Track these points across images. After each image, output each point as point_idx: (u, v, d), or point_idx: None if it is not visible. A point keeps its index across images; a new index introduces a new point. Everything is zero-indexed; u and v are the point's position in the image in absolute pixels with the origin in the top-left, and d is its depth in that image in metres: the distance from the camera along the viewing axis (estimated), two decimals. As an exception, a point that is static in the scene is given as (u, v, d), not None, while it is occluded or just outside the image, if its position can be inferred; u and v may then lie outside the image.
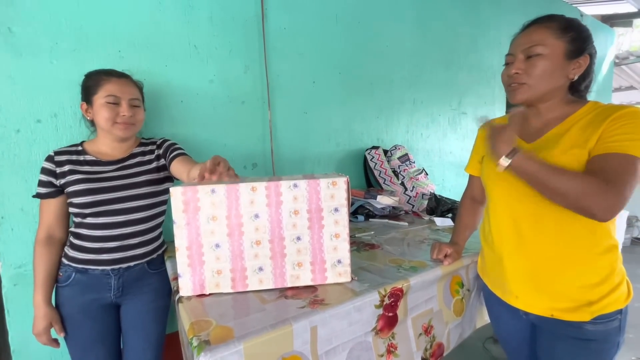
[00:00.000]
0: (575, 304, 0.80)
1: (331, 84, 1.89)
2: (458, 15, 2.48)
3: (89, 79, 1.06)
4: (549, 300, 0.83)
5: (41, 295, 1.01)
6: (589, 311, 0.79)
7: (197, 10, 1.45)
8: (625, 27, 5.32)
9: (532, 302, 0.86)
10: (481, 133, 1.05)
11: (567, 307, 0.81)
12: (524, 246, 0.86)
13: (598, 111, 0.78)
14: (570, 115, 0.82)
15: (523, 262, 0.86)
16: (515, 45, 0.86)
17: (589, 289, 0.79)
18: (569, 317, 0.81)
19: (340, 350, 0.81)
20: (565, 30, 0.80)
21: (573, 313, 0.80)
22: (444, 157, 2.56)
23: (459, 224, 1.13)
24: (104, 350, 1.08)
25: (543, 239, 0.82)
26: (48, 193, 1.03)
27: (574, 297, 0.80)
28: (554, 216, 0.80)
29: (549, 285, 0.83)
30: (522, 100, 0.86)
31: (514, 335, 0.97)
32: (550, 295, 0.83)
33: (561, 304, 0.81)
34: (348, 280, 0.91)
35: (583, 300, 0.79)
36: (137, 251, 1.08)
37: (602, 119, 0.75)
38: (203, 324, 0.73)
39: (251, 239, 0.86)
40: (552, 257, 0.82)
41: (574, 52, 0.80)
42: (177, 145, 1.16)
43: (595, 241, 0.80)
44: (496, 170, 0.78)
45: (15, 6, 1.12)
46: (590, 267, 0.80)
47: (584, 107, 0.82)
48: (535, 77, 0.81)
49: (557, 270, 0.81)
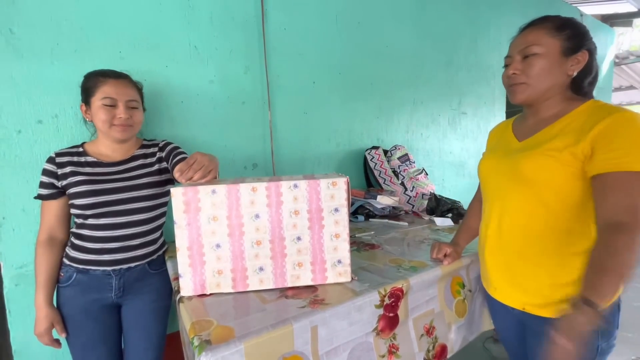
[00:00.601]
0: (546, 300, 0.82)
1: (331, 84, 1.89)
2: (458, 15, 2.48)
3: (87, 80, 1.06)
4: (522, 294, 0.86)
5: (42, 296, 1.01)
6: (557, 309, 0.76)
7: (197, 10, 1.45)
8: (625, 26, 5.32)
9: (507, 294, 0.90)
10: (491, 134, 1.08)
11: (538, 303, 0.83)
12: (502, 240, 0.89)
13: (590, 112, 0.78)
14: (565, 115, 0.81)
15: (500, 256, 0.90)
16: (512, 47, 0.88)
17: (560, 288, 0.80)
18: (539, 312, 0.83)
19: (341, 351, 0.81)
20: (560, 28, 0.81)
21: (543, 309, 0.82)
22: (444, 157, 2.56)
23: (463, 224, 1.13)
24: (105, 350, 1.08)
25: (520, 235, 0.85)
26: (49, 194, 1.03)
27: (544, 294, 0.82)
28: (533, 213, 0.82)
29: (522, 279, 0.86)
30: (523, 100, 0.86)
31: (510, 331, 0.99)
32: (524, 289, 0.86)
33: (533, 299, 0.84)
34: (348, 280, 0.91)
35: (553, 298, 0.80)
36: (138, 252, 1.08)
37: (593, 123, 0.73)
38: (204, 323, 0.74)
39: (252, 239, 0.86)
40: (527, 253, 0.84)
41: (571, 48, 0.80)
42: (179, 149, 1.16)
43: (570, 241, 0.79)
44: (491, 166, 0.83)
45: (17, 7, 1.12)
46: (563, 266, 0.80)
47: (582, 105, 0.80)
48: (533, 76, 0.82)
49: (531, 266, 0.84)
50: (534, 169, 0.80)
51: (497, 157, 0.93)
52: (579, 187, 0.77)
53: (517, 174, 0.83)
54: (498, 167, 0.91)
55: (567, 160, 0.76)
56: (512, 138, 0.93)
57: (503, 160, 0.90)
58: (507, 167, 0.87)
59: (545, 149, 0.79)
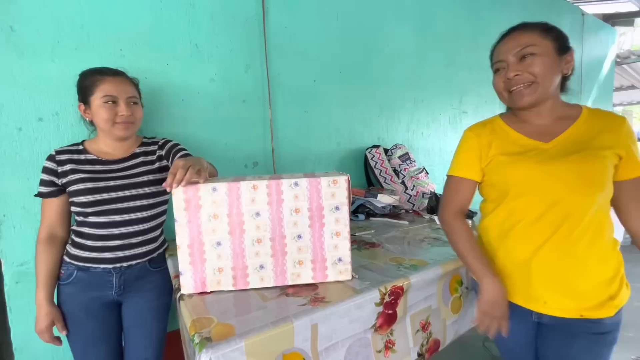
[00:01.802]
0: (599, 300, 0.81)
1: (332, 83, 1.89)
2: (459, 14, 2.48)
3: (83, 79, 1.05)
4: (579, 300, 0.82)
5: (43, 293, 1.01)
6: (612, 305, 0.81)
7: (198, 9, 1.45)
8: (626, 26, 5.31)
9: (561, 306, 0.83)
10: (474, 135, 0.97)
11: (594, 305, 0.81)
12: (557, 248, 0.82)
13: (599, 115, 0.85)
14: (579, 117, 0.86)
15: (554, 265, 0.82)
16: (503, 51, 0.86)
17: (608, 284, 0.82)
18: (597, 315, 0.81)
19: (339, 347, 0.81)
20: (547, 30, 0.83)
21: (600, 310, 0.81)
22: (445, 156, 2.56)
23: (476, 249, 0.90)
24: (105, 347, 1.08)
25: (576, 238, 0.81)
26: (50, 192, 1.03)
27: (597, 294, 0.82)
28: (592, 215, 0.81)
29: (576, 285, 0.82)
30: (531, 102, 0.83)
31: (520, 339, 0.94)
32: (580, 294, 0.82)
33: (588, 303, 0.82)
34: (349, 278, 0.91)
35: (605, 296, 0.81)
36: (139, 250, 1.09)
37: (617, 126, 0.81)
38: (204, 321, 0.74)
39: (252, 237, 0.87)
40: (582, 256, 0.81)
41: (561, 48, 0.83)
42: (179, 146, 1.16)
43: (608, 237, 0.83)
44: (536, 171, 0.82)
45: (17, 5, 1.12)
46: (607, 262, 0.83)
47: (584, 110, 0.87)
48: (540, 75, 0.81)
49: (584, 268, 0.81)
50: (595, 170, 0.79)
51: (538, 161, 0.83)
52: (612, 185, 0.82)
53: (583, 176, 0.79)
54: (550, 172, 0.81)
55: (613, 160, 0.80)
56: (527, 140, 0.87)
57: (553, 164, 0.81)
58: (565, 170, 0.80)
59: (595, 149, 0.80)
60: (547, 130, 0.87)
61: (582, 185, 0.79)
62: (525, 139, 0.88)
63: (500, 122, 0.95)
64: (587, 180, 0.79)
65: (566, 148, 0.83)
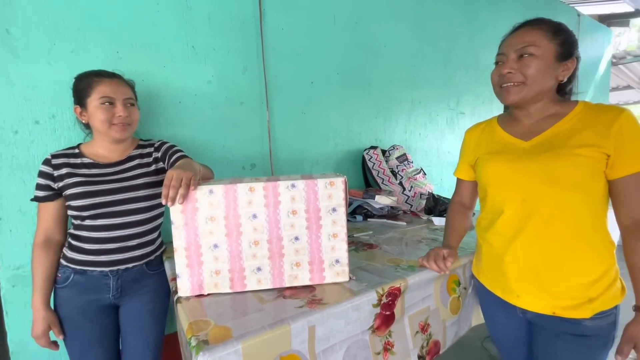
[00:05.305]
0: (576, 301, 0.81)
1: (329, 84, 1.90)
2: (456, 14, 2.48)
3: (79, 81, 1.05)
4: (552, 298, 0.84)
5: (40, 298, 1.01)
6: (589, 308, 0.80)
7: (195, 11, 1.45)
8: (622, 26, 5.34)
9: (534, 300, 0.86)
10: (468, 137, 1.06)
11: (569, 305, 0.82)
12: (528, 244, 0.85)
13: (594, 111, 0.81)
14: (567, 114, 0.83)
15: (526, 261, 0.86)
16: (506, 45, 0.87)
17: (589, 286, 0.81)
18: (571, 315, 0.82)
19: (337, 349, 0.81)
20: (556, 33, 0.82)
21: (574, 310, 0.81)
22: (442, 157, 2.57)
23: (449, 228, 1.10)
24: (102, 351, 1.08)
25: (548, 237, 0.83)
26: (46, 196, 1.03)
27: (575, 295, 0.81)
28: (564, 215, 0.81)
29: (551, 283, 0.83)
30: (516, 100, 0.86)
31: (510, 334, 0.98)
32: (553, 293, 0.83)
33: (563, 302, 0.82)
34: (346, 279, 0.91)
35: (584, 297, 0.81)
36: (136, 253, 1.08)
37: (607, 122, 0.77)
38: (201, 324, 0.73)
39: (249, 239, 0.86)
40: (556, 255, 0.82)
41: (563, 55, 0.82)
42: (175, 147, 1.15)
43: (596, 238, 0.82)
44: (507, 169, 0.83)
45: (13, 7, 1.12)
46: (591, 264, 0.81)
47: (578, 106, 0.84)
48: (530, 77, 0.82)
49: (560, 267, 0.82)
50: (566, 169, 0.78)
51: (510, 159, 0.87)
52: (601, 184, 0.80)
53: (549, 175, 0.80)
54: (519, 170, 0.85)
55: (595, 158, 0.77)
56: (510, 138, 0.91)
57: (523, 162, 0.84)
58: (533, 169, 0.82)
59: (570, 147, 0.78)
60: (531, 130, 0.88)
61: (548, 183, 0.81)
62: (508, 138, 0.92)
63: (494, 122, 0.99)
64: (554, 179, 0.80)
65: (541, 147, 0.83)
